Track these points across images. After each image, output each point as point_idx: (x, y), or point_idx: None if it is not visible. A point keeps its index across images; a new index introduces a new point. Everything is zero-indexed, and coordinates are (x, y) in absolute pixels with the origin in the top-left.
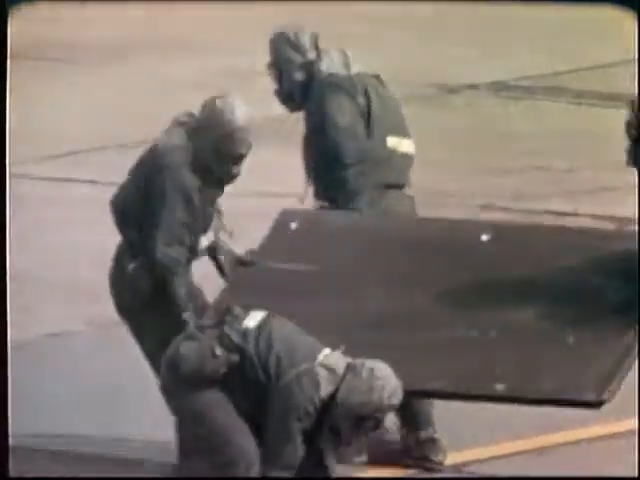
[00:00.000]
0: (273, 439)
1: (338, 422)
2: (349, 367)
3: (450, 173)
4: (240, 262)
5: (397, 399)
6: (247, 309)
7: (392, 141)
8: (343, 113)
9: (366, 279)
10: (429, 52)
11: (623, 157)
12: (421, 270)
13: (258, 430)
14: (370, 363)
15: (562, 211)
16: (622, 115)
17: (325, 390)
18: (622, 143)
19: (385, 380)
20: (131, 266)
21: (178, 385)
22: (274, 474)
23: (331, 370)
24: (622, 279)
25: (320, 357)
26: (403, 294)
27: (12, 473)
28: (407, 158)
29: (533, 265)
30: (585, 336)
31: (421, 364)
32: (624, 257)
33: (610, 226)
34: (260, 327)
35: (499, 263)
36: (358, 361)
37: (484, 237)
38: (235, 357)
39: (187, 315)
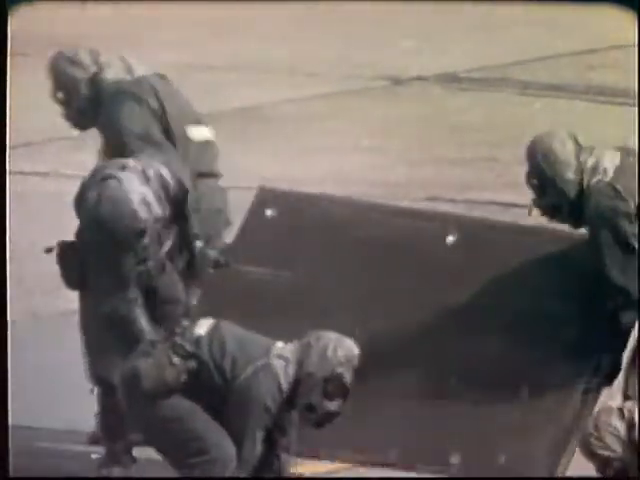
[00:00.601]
0: (233, 438)
1: (309, 398)
2: (300, 346)
3: (397, 164)
4: (215, 265)
5: (353, 351)
6: (196, 319)
7: (193, 131)
8: (135, 120)
9: (331, 300)
10: (378, 44)
11: None
12: (382, 289)
13: None
14: (316, 332)
15: (509, 202)
16: (570, 105)
17: (286, 380)
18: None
19: (334, 337)
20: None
21: (140, 400)
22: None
23: (286, 359)
24: (577, 301)
25: (274, 350)
26: (361, 323)
27: (13, 472)
28: (211, 145)
29: (493, 288)
30: (538, 391)
31: (374, 430)
32: (579, 269)
33: None
34: (211, 333)
35: (460, 284)
36: (305, 338)
37: (450, 239)
38: (192, 363)
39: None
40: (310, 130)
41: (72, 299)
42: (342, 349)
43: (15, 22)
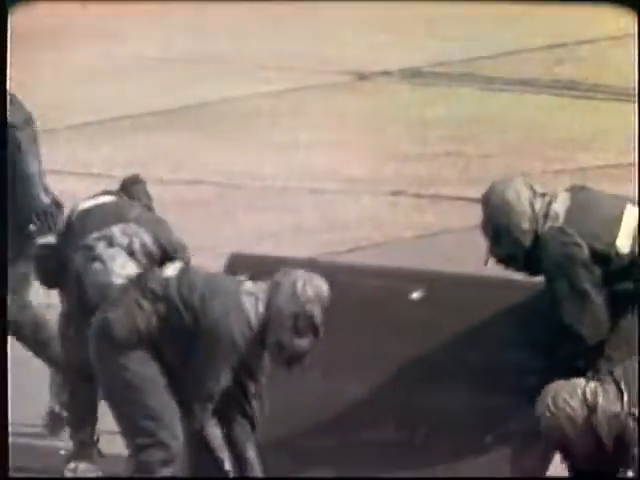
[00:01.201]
0: (199, 376)
1: (278, 335)
2: (269, 284)
3: (363, 159)
4: None
5: (322, 289)
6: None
7: None
8: None
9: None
10: (344, 39)
11: (538, 143)
12: (349, 347)
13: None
14: (285, 270)
15: (474, 197)
16: (536, 100)
17: (256, 318)
18: (535, 129)
19: (303, 274)
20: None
21: (112, 354)
22: (195, 405)
23: (255, 296)
24: (540, 350)
25: (243, 288)
26: (330, 379)
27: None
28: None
29: (458, 340)
30: (504, 439)
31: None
32: (540, 318)
33: None
34: (180, 275)
35: (426, 338)
36: (274, 276)
37: (414, 294)
38: (162, 306)
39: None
40: (277, 125)
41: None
42: (311, 286)
43: (15, 22)
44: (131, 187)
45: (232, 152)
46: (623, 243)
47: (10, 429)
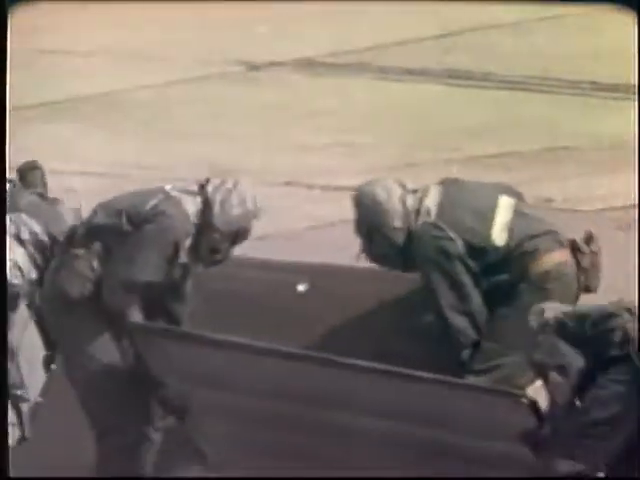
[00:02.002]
0: (131, 258)
1: (216, 241)
2: (208, 184)
3: (254, 149)
4: None
5: (255, 204)
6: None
7: None
8: None
9: None
10: (235, 29)
11: (429, 133)
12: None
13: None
14: (226, 179)
15: None
16: (427, 89)
17: (192, 208)
18: (426, 118)
19: (250, 189)
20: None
21: (71, 318)
22: (117, 286)
23: (188, 191)
24: (423, 341)
25: (168, 187)
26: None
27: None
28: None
29: (344, 332)
30: None
31: None
32: (423, 310)
33: None
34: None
35: (311, 331)
36: (217, 180)
37: (300, 287)
38: (97, 247)
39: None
40: (167, 116)
41: None
42: (255, 198)
43: (15, 22)
44: (27, 174)
45: (119, 143)
46: (498, 235)
47: None
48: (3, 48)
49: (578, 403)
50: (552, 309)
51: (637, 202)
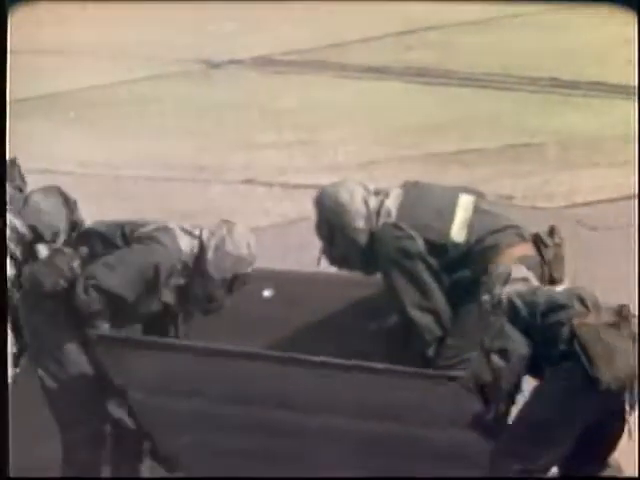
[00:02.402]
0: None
1: (211, 288)
2: (207, 231)
3: (214, 147)
4: None
5: (250, 249)
6: None
7: None
8: None
9: None
10: (194, 28)
11: (389, 130)
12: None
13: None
14: (222, 225)
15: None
16: (387, 87)
17: (186, 248)
18: (386, 116)
19: (246, 235)
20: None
21: (34, 306)
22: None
23: (187, 231)
24: (389, 342)
25: (172, 222)
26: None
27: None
28: None
29: (310, 337)
30: None
31: None
32: (387, 311)
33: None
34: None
35: (277, 337)
36: (213, 225)
37: (266, 293)
38: (84, 250)
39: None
40: (129, 114)
41: None
42: (252, 244)
43: (15, 22)
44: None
45: (85, 141)
46: (457, 233)
47: None
48: (3, 48)
49: (524, 397)
50: (509, 285)
51: (637, 200)
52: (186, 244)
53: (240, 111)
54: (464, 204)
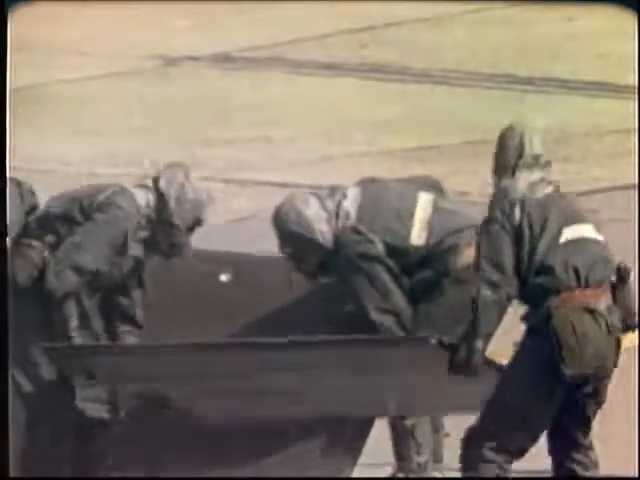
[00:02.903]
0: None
1: (176, 235)
2: (161, 178)
3: (170, 145)
4: None
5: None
6: None
7: None
8: None
9: None
10: (150, 24)
11: (345, 127)
12: (160, 329)
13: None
14: (176, 170)
15: (283, 182)
16: (343, 83)
17: (145, 202)
18: (341, 113)
19: (193, 184)
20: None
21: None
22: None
23: (141, 185)
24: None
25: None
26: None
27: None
28: None
29: (268, 323)
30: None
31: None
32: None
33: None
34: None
35: (235, 321)
36: (167, 172)
37: (223, 278)
38: (50, 237)
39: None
40: (83, 111)
41: None
42: (197, 194)
43: (15, 22)
44: None
45: (39, 138)
46: (417, 236)
47: None
48: (3, 48)
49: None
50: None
51: (637, 198)
52: (143, 198)
53: (196, 108)
54: (423, 204)
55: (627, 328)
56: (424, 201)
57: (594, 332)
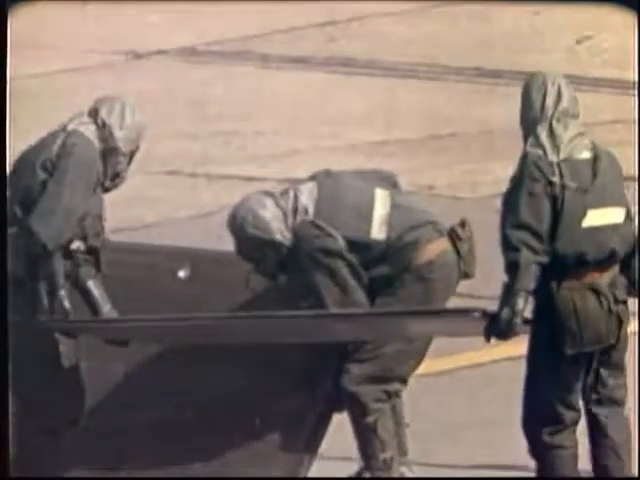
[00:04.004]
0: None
1: (120, 166)
2: (101, 109)
3: None
4: None
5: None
6: None
7: None
8: None
9: None
10: (118, 18)
11: (312, 121)
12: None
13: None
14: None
15: (250, 176)
16: (310, 77)
17: (95, 137)
18: (309, 106)
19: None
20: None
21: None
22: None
23: (86, 122)
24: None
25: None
26: (98, 361)
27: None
28: None
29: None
30: (271, 421)
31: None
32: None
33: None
34: None
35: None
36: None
37: (181, 274)
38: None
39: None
40: (52, 106)
41: None
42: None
43: (15, 22)
44: None
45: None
46: (377, 230)
47: None
48: (3, 48)
49: None
50: None
51: (637, 195)
52: (93, 134)
53: (164, 102)
54: (381, 200)
55: (637, 295)
56: (381, 197)
57: (595, 313)
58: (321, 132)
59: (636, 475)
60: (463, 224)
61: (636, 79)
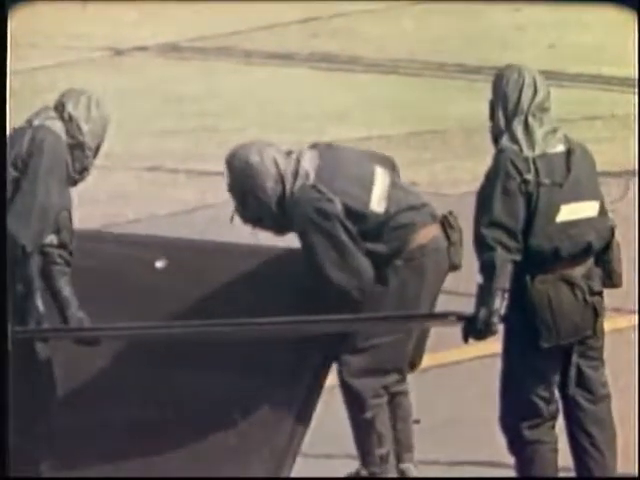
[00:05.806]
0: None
1: (87, 160)
2: (67, 103)
3: (118, 135)
4: None
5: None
6: None
7: None
8: None
9: None
10: (98, 14)
11: (294, 117)
12: (98, 317)
13: None
14: (78, 93)
15: None
16: (292, 73)
17: (62, 131)
18: (291, 103)
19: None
20: None
21: None
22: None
23: (53, 117)
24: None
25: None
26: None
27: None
28: None
29: (205, 311)
30: (252, 417)
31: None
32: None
33: None
34: None
35: (171, 308)
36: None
37: (159, 264)
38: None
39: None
40: (33, 102)
41: None
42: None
43: (15, 22)
44: None
45: None
46: (377, 203)
47: None
48: (3, 48)
49: None
50: None
51: (637, 193)
52: (60, 128)
53: (145, 98)
54: (380, 176)
55: (612, 286)
56: (381, 174)
57: (570, 305)
58: (303, 128)
59: (636, 475)
60: (452, 214)
61: (636, 74)
